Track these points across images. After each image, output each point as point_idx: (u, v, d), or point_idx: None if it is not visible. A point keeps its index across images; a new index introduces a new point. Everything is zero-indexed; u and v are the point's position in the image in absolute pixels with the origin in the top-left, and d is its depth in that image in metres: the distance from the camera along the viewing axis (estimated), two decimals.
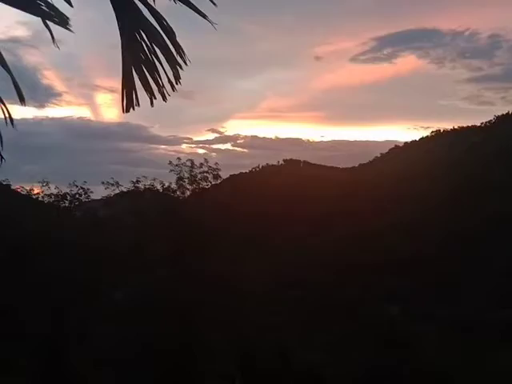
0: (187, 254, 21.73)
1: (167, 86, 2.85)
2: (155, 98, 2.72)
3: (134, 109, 2.66)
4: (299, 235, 27.85)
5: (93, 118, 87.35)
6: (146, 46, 2.68)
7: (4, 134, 3.02)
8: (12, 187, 26.13)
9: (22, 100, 1.78)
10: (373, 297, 25.40)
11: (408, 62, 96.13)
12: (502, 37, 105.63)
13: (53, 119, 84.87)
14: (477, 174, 43.09)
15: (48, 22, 1.52)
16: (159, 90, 2.77)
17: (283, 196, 36.04)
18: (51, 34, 1.81)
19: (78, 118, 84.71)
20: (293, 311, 22.67)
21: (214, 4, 2.53)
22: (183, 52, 2.72)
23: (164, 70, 2.79)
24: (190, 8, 2.54)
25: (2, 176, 25.75)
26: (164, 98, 2.81)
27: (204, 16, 2.54)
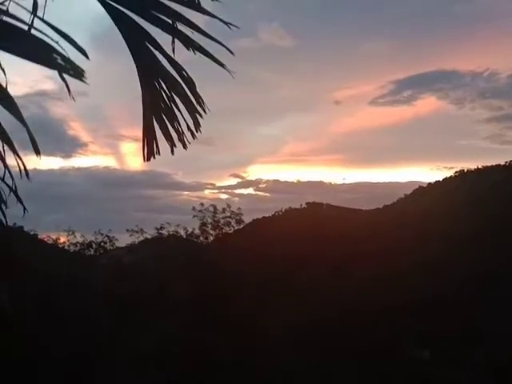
0: (211, 297, 21.60)
1: (187, 134, 2.91)
2: (175, 146, 2.78)
3: (154, 157, 2.72)
4: (324, 277, 27.51)
5: (118, 167, 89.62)
6: (166, 95, 2.76)
7: (30, 185, 3.10)
8: (39, 237, 26.68)
9: (37, 153, 1.84)
10: (399, 339, 24.64)
11: (428, 104, 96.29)
12: None
13: (79, 169, 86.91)
14: (499, 213, 42.33)
15: (64, 74, 1.59)
16: (179, 138, 2.82)
17: (306, 238, 35.88)
18: (67, 86, 1.89)
19: (103, 168, 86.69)
20: (319, 354, 22.09)
21: (232, 53, 2.61)
22: (202, 101, 2.79)
23: (184, 118, 2.86)
24: (208, 57, 2.62)
25: (30, 226, 26.37)
26: (184, 146, 2.87)
27: (222, 65, 2.61)
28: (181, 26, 2.66)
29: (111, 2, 2.73)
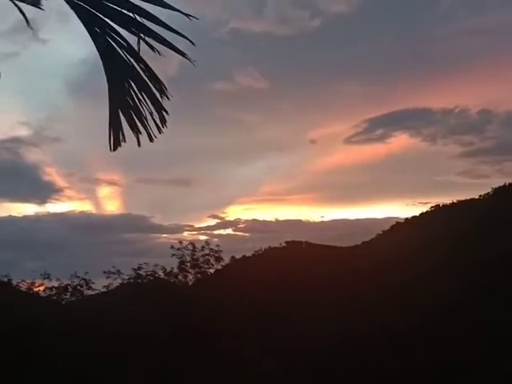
0: (191, 340, 21.19)
1: (154, 129, 2.99)
2: (141, 133, 2.84)
3: (120, 146, 2.78)
4: (307, 315, 27.27)
5: (94, 211, 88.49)
6: (132, 89, 2.84)
7: (5, 231, 3.12)
8: (14, 283, 26.05)
9: None
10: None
11: (400, 141, 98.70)
12: (492, 111, 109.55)
13: (54, 214, 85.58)
14: (477, 246, 42.96)
15: (21, 4, 1.64)
16: (145, 130, 2.90)
17: (288, 276, 35.75)
18: (25, 17, 1.95)
19: (79, 212, 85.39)
20: None
21: (193, 43, 2.71)
22: (165, 88, 2.87)
23: (150, 112, 2.94)
24: (170, 48, 2.72)
25: (4, 271, 25.81)
26: (150, 139, 2.94)
27: (183, 55, 2.72)
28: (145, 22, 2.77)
29: (79, 2, 2.84)
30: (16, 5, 1.73)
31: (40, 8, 1.63)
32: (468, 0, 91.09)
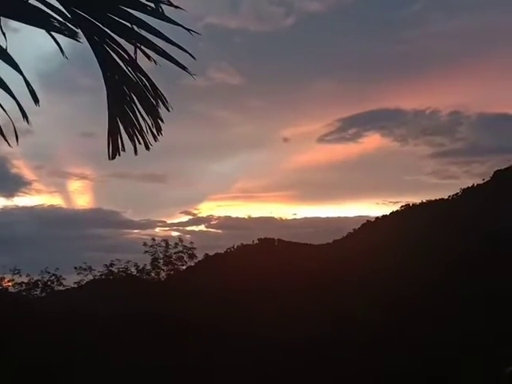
0: (165, 340, 21.12)
1: (150, 137, 3.06)
2: (140, 143, 2.91)
3: (119, 155, 2.83)
4: (276, 313, 27.53)
5: (64, 206, 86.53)
6: (130, 98, 2.90)
7: None
8: None
9: (36, 101, 1.94)
10: (360, 373, 24.79)
11: (373, 141, 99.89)
12: (462, 113, 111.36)
13: (23, 208, 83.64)
14: (447, 246, 44.02)
15: (54, 34, 1.71)
16: (143, 139, 2.96)
17: (260, 275, 35.97)
18: (60, 47, 2.01)
19: (48, 206, 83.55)
20: None
21: (193, 57, 2.78)
22: (166, 100, 2.94)
23: (146, 122, 3.00)
24: (170, 61, 2.78)
25: None
26: (147, 147, 3.00)
27: (184, 68, 2.79)
28: (144, 33, 2.83)
29: (78, 11, 2.88)
30: (52, 36, 1.78)
31: (78, 41, 1.69)
32: (441, 2, 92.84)
